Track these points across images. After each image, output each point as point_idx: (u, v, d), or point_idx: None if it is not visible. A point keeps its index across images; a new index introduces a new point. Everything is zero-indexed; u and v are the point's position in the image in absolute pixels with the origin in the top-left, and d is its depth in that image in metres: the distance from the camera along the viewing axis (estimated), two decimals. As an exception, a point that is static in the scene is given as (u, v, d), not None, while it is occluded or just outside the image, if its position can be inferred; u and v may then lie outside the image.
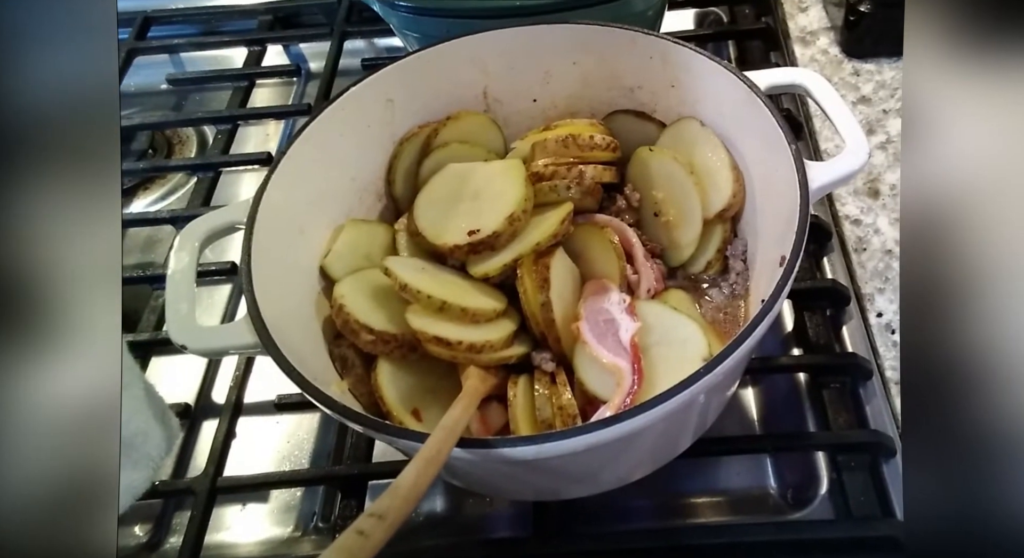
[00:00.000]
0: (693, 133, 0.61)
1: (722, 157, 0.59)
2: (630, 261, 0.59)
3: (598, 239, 0.58)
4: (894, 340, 0.63)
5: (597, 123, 0.65)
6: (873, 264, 0.68)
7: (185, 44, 1.05)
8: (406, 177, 0.64)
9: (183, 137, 0.99)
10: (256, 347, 0.46)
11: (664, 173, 0.61)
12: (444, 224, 0.57)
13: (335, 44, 0.98)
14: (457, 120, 0.64)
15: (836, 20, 0.88)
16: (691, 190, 0.59)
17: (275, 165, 0.54)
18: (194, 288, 0.50)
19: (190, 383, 0.72)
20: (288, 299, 0.52)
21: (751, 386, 0.66)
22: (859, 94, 0.82)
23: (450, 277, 0.56)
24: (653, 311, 0.53)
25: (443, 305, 0.51)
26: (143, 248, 0.86)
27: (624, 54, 0.62)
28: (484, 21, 0.72)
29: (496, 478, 0.53)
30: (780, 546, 0.54)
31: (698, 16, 1.03)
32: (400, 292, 0.52)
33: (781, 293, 0.43)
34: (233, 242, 0.78)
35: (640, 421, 0.39)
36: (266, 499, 0.64)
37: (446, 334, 0.51)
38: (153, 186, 0.93)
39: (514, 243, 0.55)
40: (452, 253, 0.56)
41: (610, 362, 0.49)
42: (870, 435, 0.58)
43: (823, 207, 0.74)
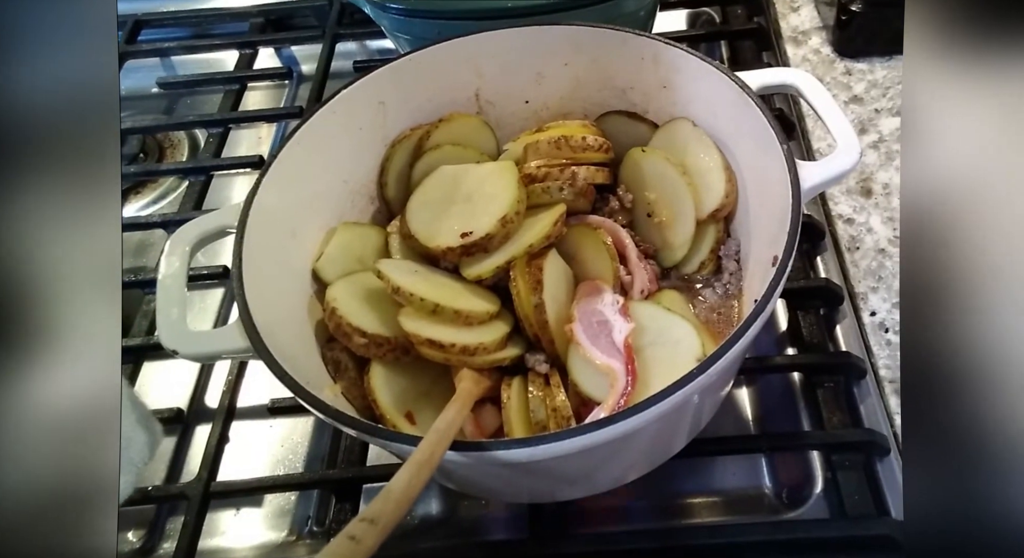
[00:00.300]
0: (685, 134, 0.61)
1: (714, 157, 0.59)
2: (623, 262, 0.59)
3: (591, 240, 0.58)
4: (888, 339, 0.63)
5: (589, 124, 0.65)
6: (866, 263, 0.68)
7: (176, 47, 1.05)
8: (398, 179, 0.64)
9: (174, 141, 0.98)
10: (248, 351, 0.45)
11: (657, 174, 0.61)
12: (437, 226, 0.57)
13: (327, 46, 0.97)
14: (449, 122, 0.64)
15: (828, 20, 0.88)
16: (684, 190, 0.59)
17: (267, 168, 0.54)
18: (185, 293, 0.50)
19: (183, 388, 0.72)
20: (280, 303, 0.52)
21: (745, 386, 0.66)
22: (851, 93, 0.82)
23: (443, 279, 0.56)
24: (647, 312, 0.53)
25: (436, 307, 0.51)
26: (135, 252, 0.85)
27: (616, 55, 0.62)
28: (476, 23, 0.72)
29: (491, 480, 0.53)
30: (775, 546, 0.54)
31: (690, 17, 1.04)
32: (393, 295, 0.52)
33: (774, 293, 0.43)
34: (225, 246, 0.78)
35: (634, 422, 0.39)
36: (260, 504, 0.64)
37: (439, 337, 0.50)
38: (145, 190, 0.92)
39: (507, 245, 0.55)
40: (445, 255, 0.56)
41: (603, 363, 0.49)
42: (864, 434, 0.58)
43: (816, 206, 0.74)
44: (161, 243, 0.84)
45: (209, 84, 1.00)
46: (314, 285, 0.57)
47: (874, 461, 0.58)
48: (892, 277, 0.67)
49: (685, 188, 0.59)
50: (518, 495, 0.57)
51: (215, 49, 1.05)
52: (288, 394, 0.43)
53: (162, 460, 0.67)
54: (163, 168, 0.92)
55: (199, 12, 1.09)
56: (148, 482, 0.65)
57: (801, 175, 0.49)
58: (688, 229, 0.59)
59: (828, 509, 0.58)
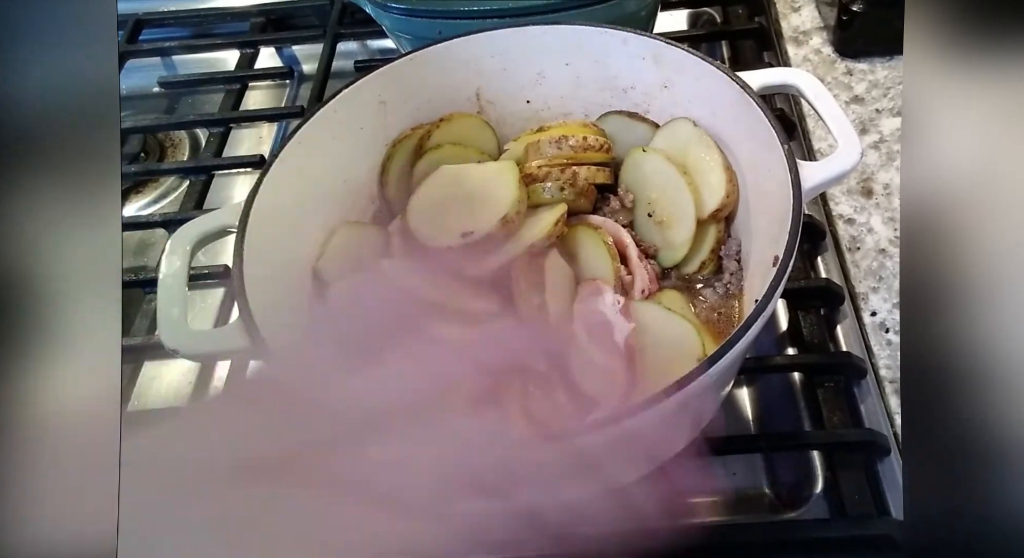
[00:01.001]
0: (687, 133, 0.61)
1: (715, 158, 0.59)
2: (624, 262, 0.59)
3: (592, 240, 0.58)
4: (888, 339, 0.63)
5: (590, 124, 0.65)
6: (867, 263, 0.68)
7: (177, 47, 1.05)
8: (399, 179, 0.64)
9: (175, 140, 0.98)
10: (249, 351, 0.45)
11: (657, 173, 0.61)
12: (438, 226, 0.57)
13: (328, 46, 0.97)
14: (450, 122, 0.64)
15: (829, 20, 0.88)
16: (684, 190, 0.59)
17: (267, 168, 0.54)
18: (186, 292, 0.50)
19: (183, 387, 0.72)
20: (281, 302, 0.52)
21: (745, 386, 0.66)
22: (852, 93, 0.82)
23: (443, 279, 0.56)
24: (648, 312, 0.53)
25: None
26: (135, 252, 0.85)
27: (617, 55, 0.62)
28: (476, 22, 0.72)
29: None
30: (775, 546, 0.54)
31: (691, 17, 1.03)
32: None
33: (775, 293, 0.43)
34: (226, 245, 0.77)
35: (634, 422, 0.39)
36: (261, 503, 0.64)
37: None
38: (145, 189, 0.92)
39: (508, 244, 0.55)
40: (446, 254, 0.56)
41: (603, 363, 0.49)
42: (865, 434, 0.58)
43: (816, 206, 0.74)
44: (162, 242, 0.84)
45: (210, 84, 1.00)
46: (315, 285, 0.57)
47: (874, 461, 0.58)
48: (893, 277, 0.67)
49: (686, 188, 0.59)
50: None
51: (216, 49, 1.05)
52: (289, 393, 0.43)
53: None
54: (164, 167, 0.92)
55: (200, 12, 1.09)
56: (149, 481, 0.65)
57: (802, 175, 0.49)
58: (689, 229, 0.59)
59: (828, 509, 0.58)
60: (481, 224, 0.55)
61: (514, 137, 0.66)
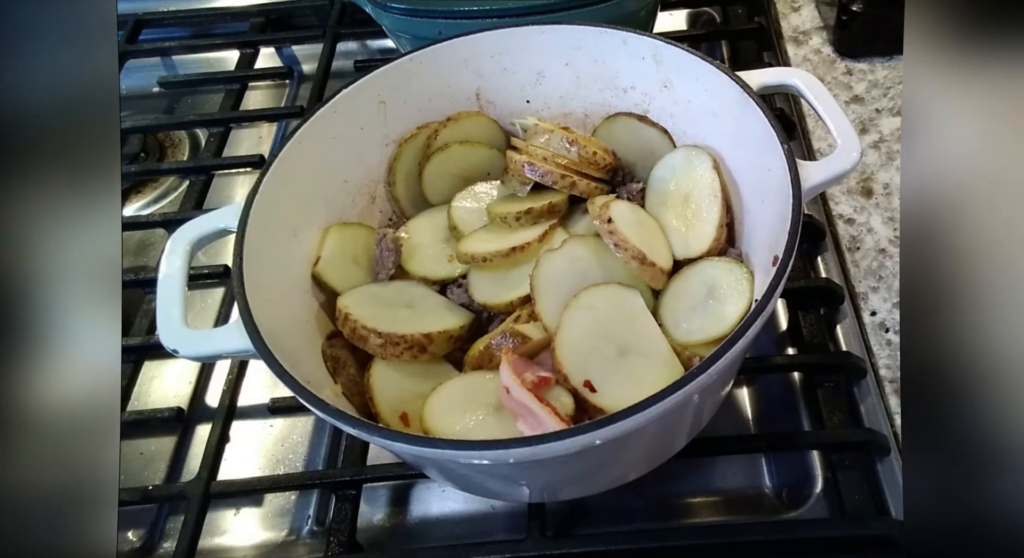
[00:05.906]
0: (702, 176, 0.59)
1: (715, 211, 0.57)
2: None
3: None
4: (888, 339, 0.63)
5: (608, 149, 0.63)
6: (867, 263, 0.68)
7: (177, 47, 1.05)
8: (407, 178, 0.64)
9: (175, 140, 0.98)
10: (248, 351, 0.45)
11: (639, 221, 0.58)
12: None
13: (328, 46, 0.97)
14: (457, 121, 0.64)
15: (828, 20, 0.88)
16: (661, 242, 0.58)
17: (267, 167, 0.54)
18: (185, 292, 0.50)
19: (183, 387, 0.72)
20: (281, 302, 0.52)
21: (746, 386, 0.66)
22: (852, 93, 0.82)
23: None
24: None
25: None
26: (135, 252, 0.85)
27: (616, 55, 0.62)
28: (476, 22, 0.72)
29: (491, 480, 0.53)
30: (775, 545, 0.54)
31: (691, 16, 1.04)
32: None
33: (774, 293, 0.43)
34: (226, 245, 0.78)
35: (634, 422, 0.39)
36: (260, 503, 0.64)
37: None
38: (145, 189, 0.92)
39: None
40: None
41: None
42: (864, 434, 0.58)
43: (816, 206, 0.74)
44: (161, 242, 0.84)
45: (210, 83, 1.00)
46: (314, 285, 0.57)
47: (874, 461, 0.58)
48: (892, 277, 0.67)
49: (663, 240, 0.58)
50: (518, 495, 0.57)
51: (216, 48, 1.05)
52: (288, 393, 0.43)
53: (162, 459, 0.67)
54: (164, 167, 0.92)
55: (200, 11, 1.09)
56: (148, 482, 0.65)
57: (802, 175, 0.49)
58: (663, 270, 0.57)
59: (828, 509, 0.58)
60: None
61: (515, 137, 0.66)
